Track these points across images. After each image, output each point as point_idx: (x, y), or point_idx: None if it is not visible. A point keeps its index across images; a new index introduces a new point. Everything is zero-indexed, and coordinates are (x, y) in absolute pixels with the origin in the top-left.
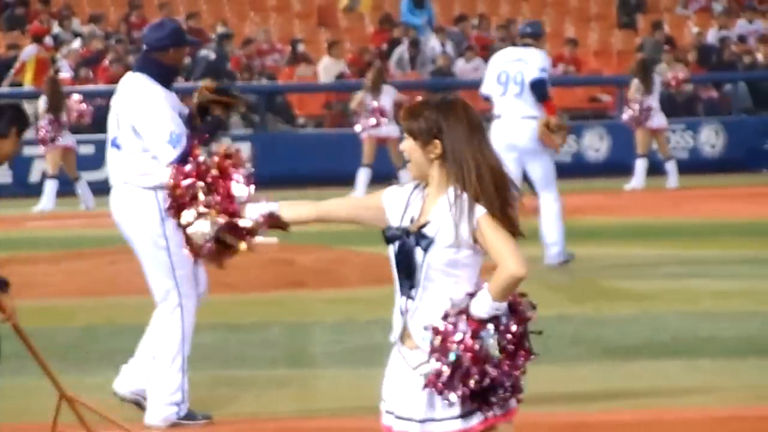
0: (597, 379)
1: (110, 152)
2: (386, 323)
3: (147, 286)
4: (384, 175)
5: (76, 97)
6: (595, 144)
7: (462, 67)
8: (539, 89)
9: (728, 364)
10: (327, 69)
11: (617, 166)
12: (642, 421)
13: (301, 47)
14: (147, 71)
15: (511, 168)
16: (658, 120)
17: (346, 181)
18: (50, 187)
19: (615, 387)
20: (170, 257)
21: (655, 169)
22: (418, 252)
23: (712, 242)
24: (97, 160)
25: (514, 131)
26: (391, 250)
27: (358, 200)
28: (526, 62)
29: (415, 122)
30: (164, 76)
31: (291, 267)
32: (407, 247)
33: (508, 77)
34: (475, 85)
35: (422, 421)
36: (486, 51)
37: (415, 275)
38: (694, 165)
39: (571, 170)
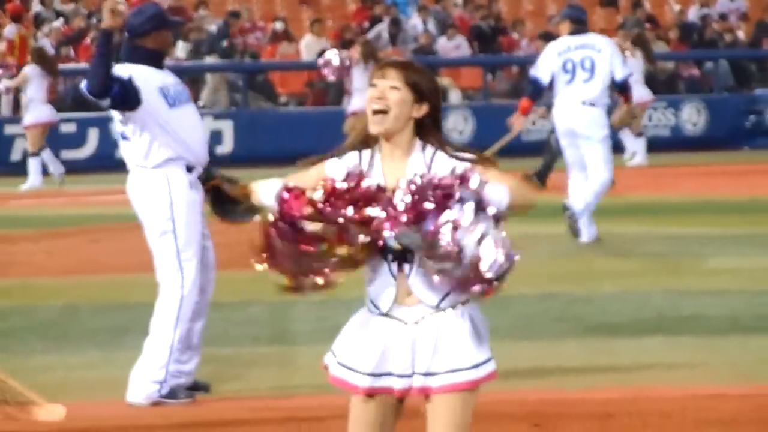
0: (580, 356)
1: (121, 144)
2: None
3: (135, 265)
4: None
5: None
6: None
7: (444, 46)
8: (626, 86)
9: (711, 342)
10: (309, 47)
11: None
12: (624, 398)
13: (283, 25)
14: (133, 60)
15: (572, 153)
16: (639, 93)
17: None
18: (34, 164)
19: (597, 364)
20: (176, 241)
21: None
22: None
23: (695, 220)
24: (78, 139)
25: (576, 117)
26: None
27: (304, 174)
28: (595, 49)
29: (417, 76)
30: (151, 61)
31: None
32: None
33: (575, 65)
34: (458, 63)
35: (426, 374)
36: (468, 29)
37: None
38: (675, 143)
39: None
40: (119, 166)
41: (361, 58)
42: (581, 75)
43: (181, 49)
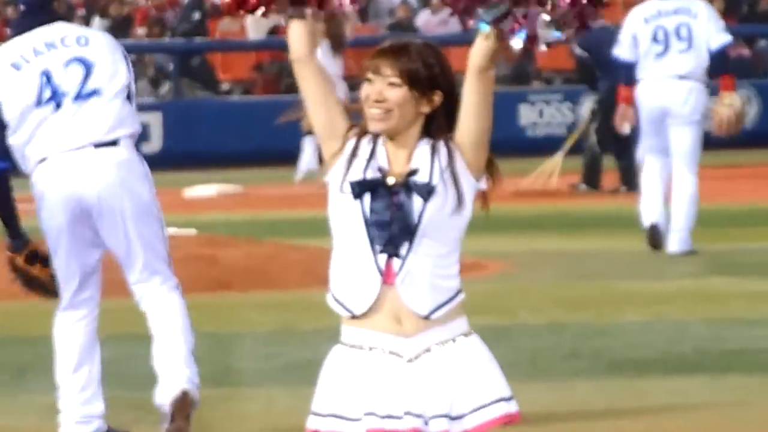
0: (600, 399)
1: (74, 108)
2: (332, 332)
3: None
4: None
5: None
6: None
7: (427, 20)
8: (724, 59)
9: (763, 382)
10: (257, 22)
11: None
12: None
13: None
14: (65, 19)
15: (660, 139)
16: None
17: (284, 159)
18: None
19: (620, 408)
20: (162, 228)
21: None
22: (416, 202)
23: (743, 233)
24: None
25: (670, 93)
26: (362, 204)
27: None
28: (691, 14)
29: (418, 63)
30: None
31: (213, 265)
32: (393, 198)
33: (667, 33)
34: (443, 41)
35: (454, 418)
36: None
37: (408, 229)
38: (720, 138)
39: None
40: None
41: (327, 39)
42: (677, 45)
43: (97, 26)
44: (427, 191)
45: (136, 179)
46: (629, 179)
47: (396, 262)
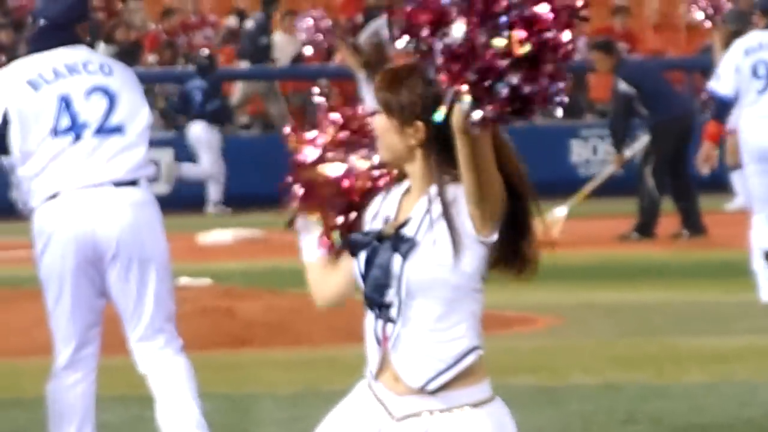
0: None
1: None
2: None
3: (29, 347)
4: None
5: None
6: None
7: None
8: None
9: None
10: (280, 49)
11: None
12: None
13: (238, 21)
14: (87, 44)
15: (763, 182)
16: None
17: None
18: None
19: None
20: (172, 283)
21: (718, 183)
22: (396, 260)
23: None
24: None
25: None
26: (358, 262)
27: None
28: None
29: (393, 94)
30: None
31: (230, 318)
32: (381, 254)
33: None
34: None
35: None
36: None
37: (390, 290)
38: None
39: (621, 186)
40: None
41: (367, 67)
42: None
43: (102, 53)
44: (406, 247)
45: (155, 224)
46: (693, 223)
47: (390, 328)
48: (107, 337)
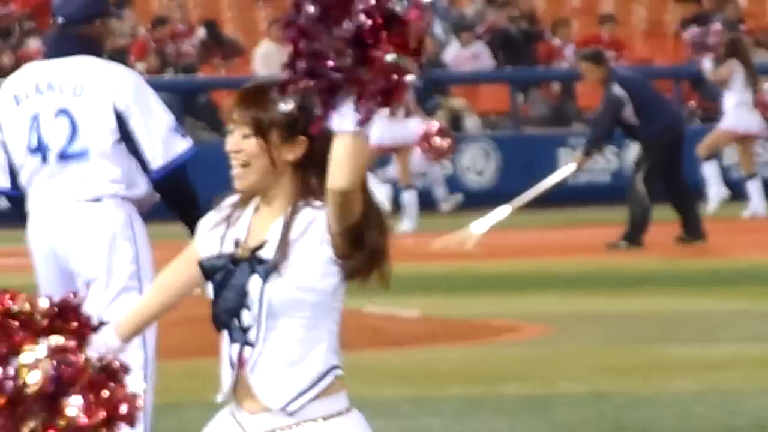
0: None
1: (57, 166)
2: (355, 401)
3: None
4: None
5: None
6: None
7: (457, 55)
8: None
9: None
10: (267, 57)
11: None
12: None
13: (229, 28)
14: (87, 52)
15: None
16: (743, 121)
17: None
18: None
19: None
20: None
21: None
22: (254, 282)
23: None
24: None
25: None
26: (211, 285)
27: (167, 271)
28: None
29: (264, 111)
30: (98, 56)
31: None
32: (237, 277)
33: None
34: (476, 79)
35: None
36: (490, 33)
37: (248, 313)
38: None
39: (610, 193)
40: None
41: None
42: None
43: None
44: (265, 270)
45: (109, 242)
46: (693, 228)
47: (248, 351)
48: None
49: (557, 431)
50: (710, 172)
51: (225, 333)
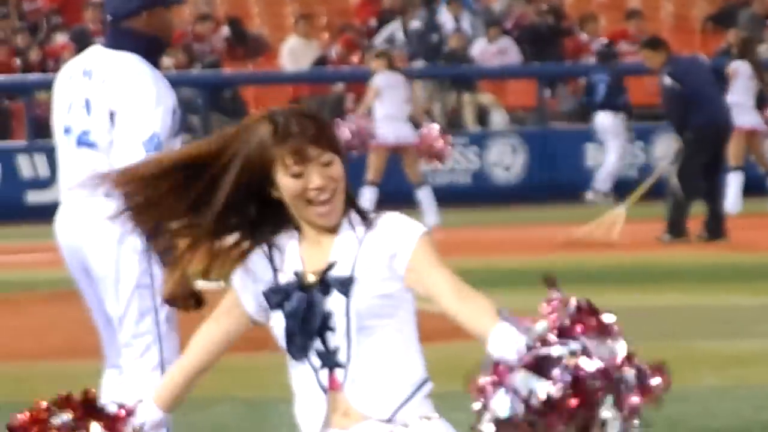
0: None
1: (74, 152)
2: None
3: (52, 350)
4: (395, 196)
5: None
6: (670, 153)
7: (484, 50)
8: None
9: None
10: (293, 53)
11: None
12: None
13: (256, 23)
14: (127, 47)
15: None
16: (749, 118)
17: None
18: None
19: None
20: (153, 298)
21: (754, 186)
22: (335, 301)
23: None
24: None
25: None
26: (282, 318)
27: (206, 327)
28: None
29: (330, 128)
30: (147, 51)
31: None
32: (313, 302)
33: None
34: (503, 74)
35: None
36: (517, 28)
37: (337, 334)
38: None
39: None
40: (30, 214)
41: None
42: None
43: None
44: (344, 285)
45: (124, 237)
46: (715, 226)
47: (339, 373)
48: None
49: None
50: (735, 181)
51: (306, 364)
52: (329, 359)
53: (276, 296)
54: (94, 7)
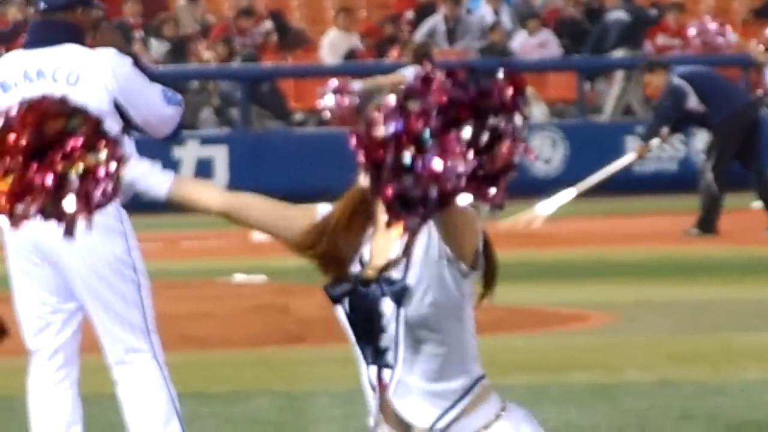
0: None
1: None
2: None
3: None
4: None
5: None
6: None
7: (524, 43)
8: None
9: None
10: (333, 45)
11: (743, 177)
12: None
13: (296, 17)
14: (75, 40)
15: None
16: None
17: None
18: None
19: None
20: (140, 291)
21: None
22: (387, 304)
23: None
24: None
25: None
26: (343, 309)
27: (288, 208)
28: None
29: None
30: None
31: (285, 315)
32: (370, 299)
33: None
34: (543, 67)
35: None
36: (557, 21)
37: (388, 335)
38: None
39: (678, 182)
40: None
41: (413, 63)
42: None
43: (155, 50)
44: (397, 294)
45: (102, 235)
46: (708, 222)
47: (387, 373)
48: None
49: (624, 420)
50: None
51: (362, 357)
52: (379, 358)
53: (336, 291)
54: (134, 1)
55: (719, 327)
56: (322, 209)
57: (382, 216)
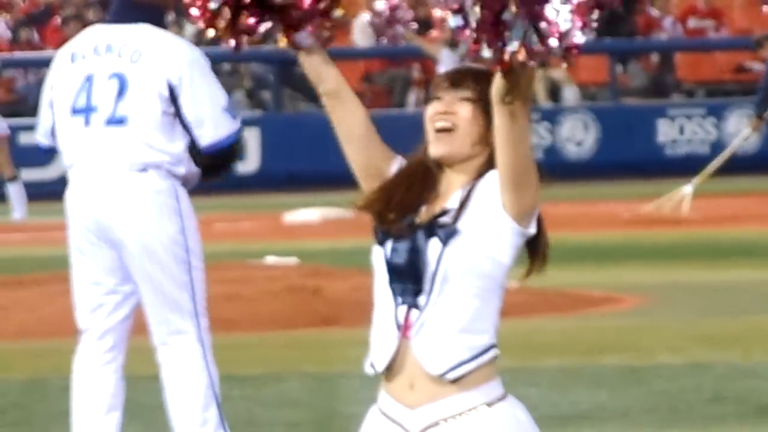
0: None
1: (101, 130)
2: None
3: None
4: None
5: None
6: (742, 130)
7: None
8: None
9: None
10: (365, 28)
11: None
12: None
13: None
14: (152, 20)
15: None
16: None
17: None
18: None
19: None
20: (190, 272)
21: None
22: (433, 246)
23: None
24: (43, 155)
25: None
26: (383, 251)
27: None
28: None
29: (486, 86)
30: (160, 21)
31: (317, 297)
32: (415, 240)
33: None
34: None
35: None
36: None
37: (425, 276)
38: None
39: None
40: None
41: (447, 43)
42: None
43: (189, 34)
44: (446, 234)
45: (156, 212)
46: None
47: (415, 314)
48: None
49: (655, 402)
50: None
51: (391, 295)
52: (411, 298)
53: (381, 232)
54: None
55: (750, 309)
56: (395, 165)
57: (441, 172)
